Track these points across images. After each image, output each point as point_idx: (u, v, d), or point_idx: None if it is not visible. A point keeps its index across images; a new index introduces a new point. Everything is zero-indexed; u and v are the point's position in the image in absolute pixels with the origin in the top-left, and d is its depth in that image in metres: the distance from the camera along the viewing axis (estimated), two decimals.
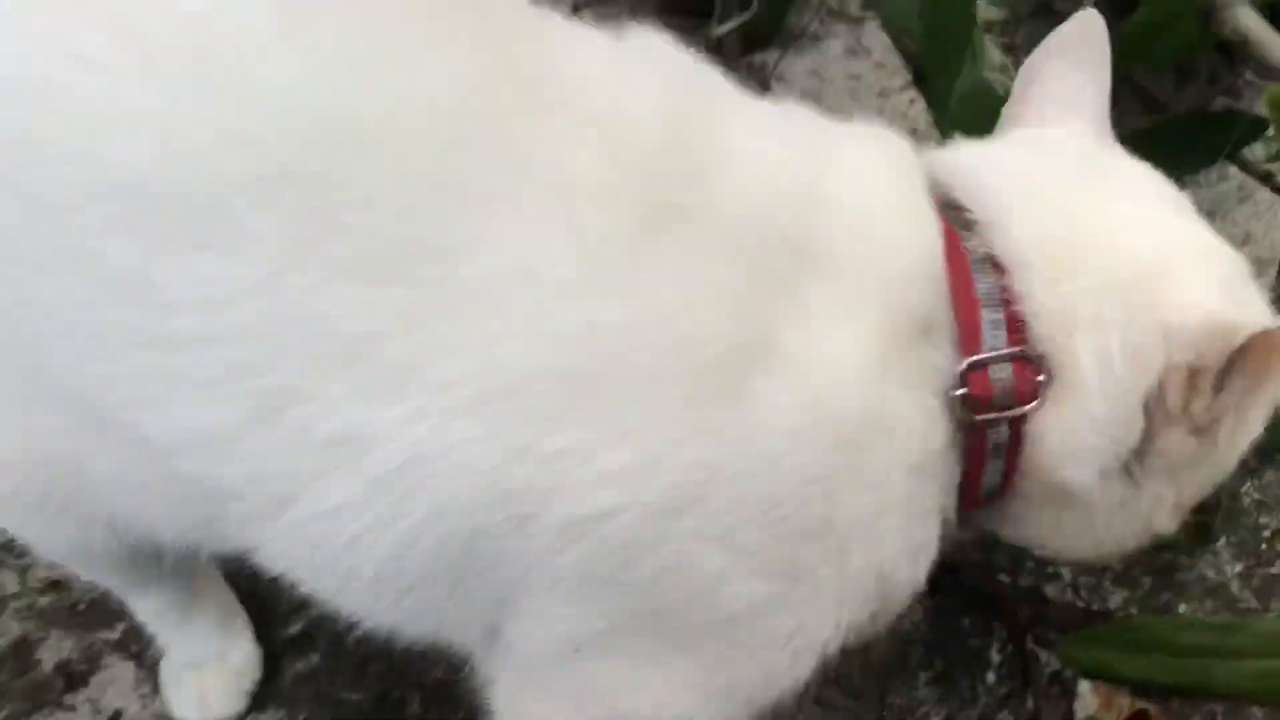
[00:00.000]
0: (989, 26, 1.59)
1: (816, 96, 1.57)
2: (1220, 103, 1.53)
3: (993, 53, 1.58)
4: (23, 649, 1.09)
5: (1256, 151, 1.38)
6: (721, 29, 1.28)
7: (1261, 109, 1.30)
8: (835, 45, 1.61)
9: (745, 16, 1.30)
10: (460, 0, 0.70)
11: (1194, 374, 0.71)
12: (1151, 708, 1.07)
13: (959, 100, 1.15)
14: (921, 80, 1.52)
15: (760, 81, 1.58)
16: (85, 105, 0.61)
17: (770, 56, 1.60)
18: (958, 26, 1.14)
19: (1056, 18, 1.46)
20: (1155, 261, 0.74)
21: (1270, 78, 0.97)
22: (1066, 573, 1.15)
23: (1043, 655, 1.12)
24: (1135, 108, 1.49)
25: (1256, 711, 1.09)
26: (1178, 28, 1.10)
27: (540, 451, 0.64)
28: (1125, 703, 1.07)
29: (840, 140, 0.80)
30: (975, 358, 0.72)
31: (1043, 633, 1.12)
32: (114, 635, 1.11)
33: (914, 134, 1.52)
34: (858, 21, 1.61)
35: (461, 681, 0.81)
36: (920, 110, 1.54)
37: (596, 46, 0.73)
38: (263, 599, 1.09)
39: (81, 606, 1.12)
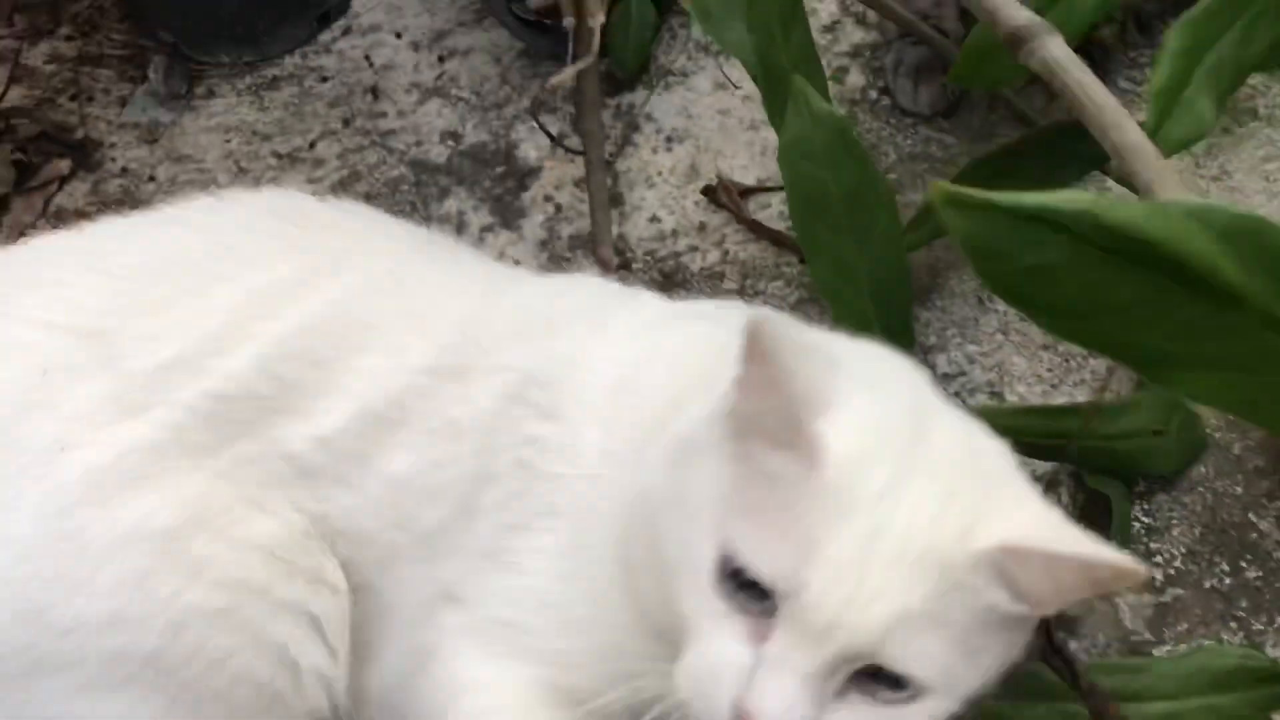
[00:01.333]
0: (858, 51, 1.56)
1: (686, 134, 1.53)
2: None
3: (856, 76, 1.55)
4: None
5: None
6: (561, 76, 1.23)
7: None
8: (703, 81, 1.57)
9: (584, 63, 1.25)
10: None
11: None
12: None
13: (786, 144, 1.11)
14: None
15: (629, 123, 1.54)
16: None
17: (638, 97, 1.56)
18: (791, 64, 1.10)
19: (922, 40, 1.44)
20: None
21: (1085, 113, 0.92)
22: None
23: None
24: (1007, 124, 1.46)
25: None
26: (996, 57, 1.06)
27: None
28: None
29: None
30: None
31: None
32: None
33: None
34: (724, 55, 1.57)
35: None
36: None
37: None
38: None
39: None
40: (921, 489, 0.71)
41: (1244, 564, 1.14)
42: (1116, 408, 1.17)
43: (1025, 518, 0.72)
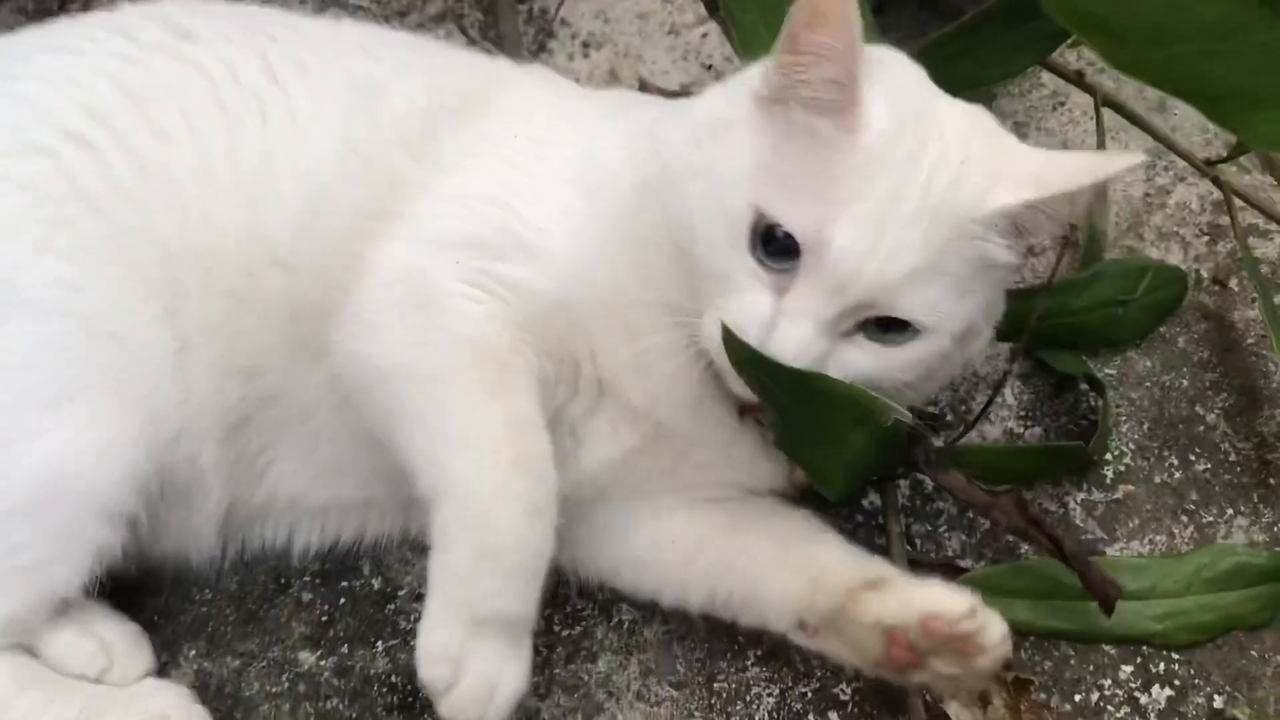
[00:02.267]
0: None
1: (604, 39, 1.45)
2: None
3: None
4: None
5: (1067, 57, 1.31)
6: None
7: None
8: None
9: None
10: None
11: None
12: (1033, 679, 1.00)
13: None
14: (714, 11, 1.41)
15: (542, 29, 1.46)
16: None
17: (552, 1, 1.48)
18: None
19: None
20: None
21: None
22: (897, 524, 1.06)
23: None
24: (936, 22, 1.40)
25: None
26: None
27: None
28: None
29: None
30: None
31: None
32: None
33: (708, 70, 1.43)
34: None
35: None
36: (714, 45, 1.43)
37: None
38: None
39: None
40: (939, 155, 0.82)
41: (1193, 457, 1.12)
42: (1079, 282, 1.13)
43: (1028, 168, 0.83)
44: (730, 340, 0.82)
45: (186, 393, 0.96)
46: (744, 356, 0.83)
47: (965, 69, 1.09)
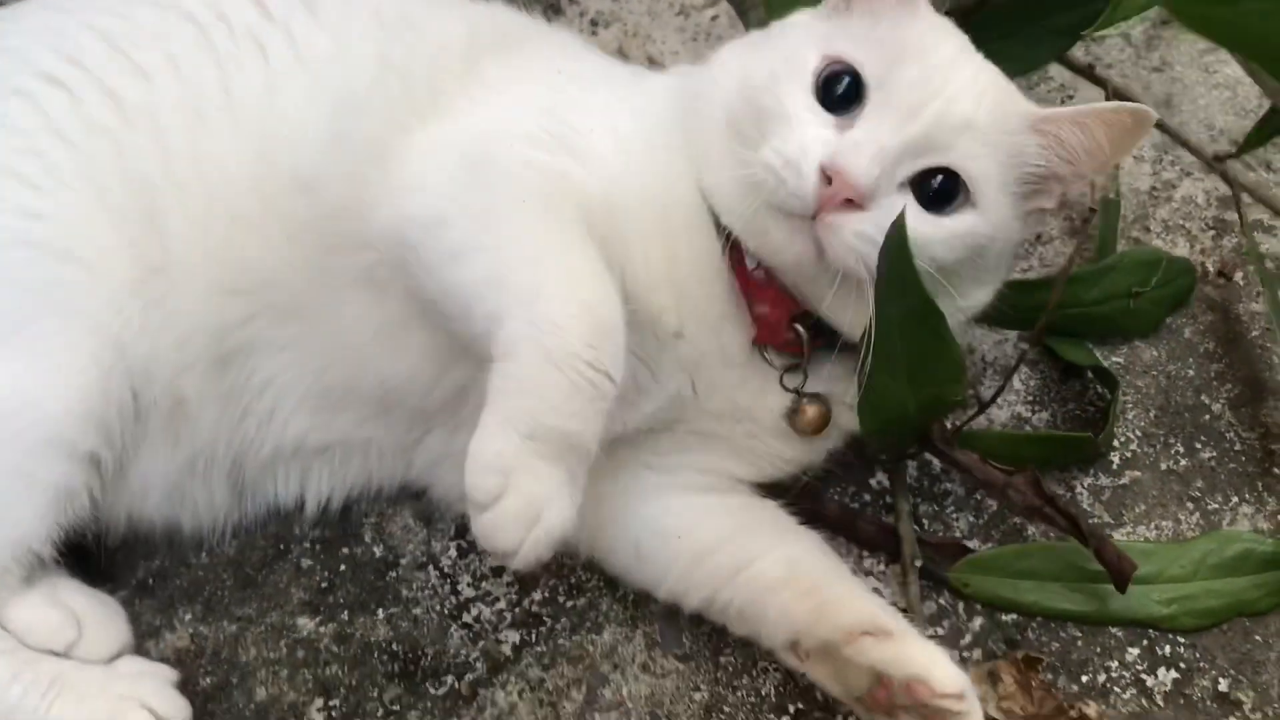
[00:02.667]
0: None
1: (613, 18, 1.45)
2: None
3: None
4: None
5: (1076, 51, 1.32)
6: None
7: None
8: None
9: None
10: None
11: None
12: (1042, 657, 0.99)
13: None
14: None
15: (550, 5, 1.45)
16: None
17: None
18: None
19: None
20: None
21: None
22: (905, 503, 1.06)
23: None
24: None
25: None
26: None
27: None
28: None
29: None
30: None
31: (928, 565, 1.04)
32: None
33: None
34: None
35: None
36: (723, 26, 1.43)
37: None
38: None
39: None
40: (981, 65, 0.91)
41: (1198, 445, 1.12)
42: (1092, 273, 1.14)
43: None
44: (895, 235, 0.82)
45: (166, 319, 0.95)
46: (897, 253, 0.82)
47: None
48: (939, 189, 0.86)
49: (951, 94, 0.85)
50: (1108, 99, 1.24)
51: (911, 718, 0.87)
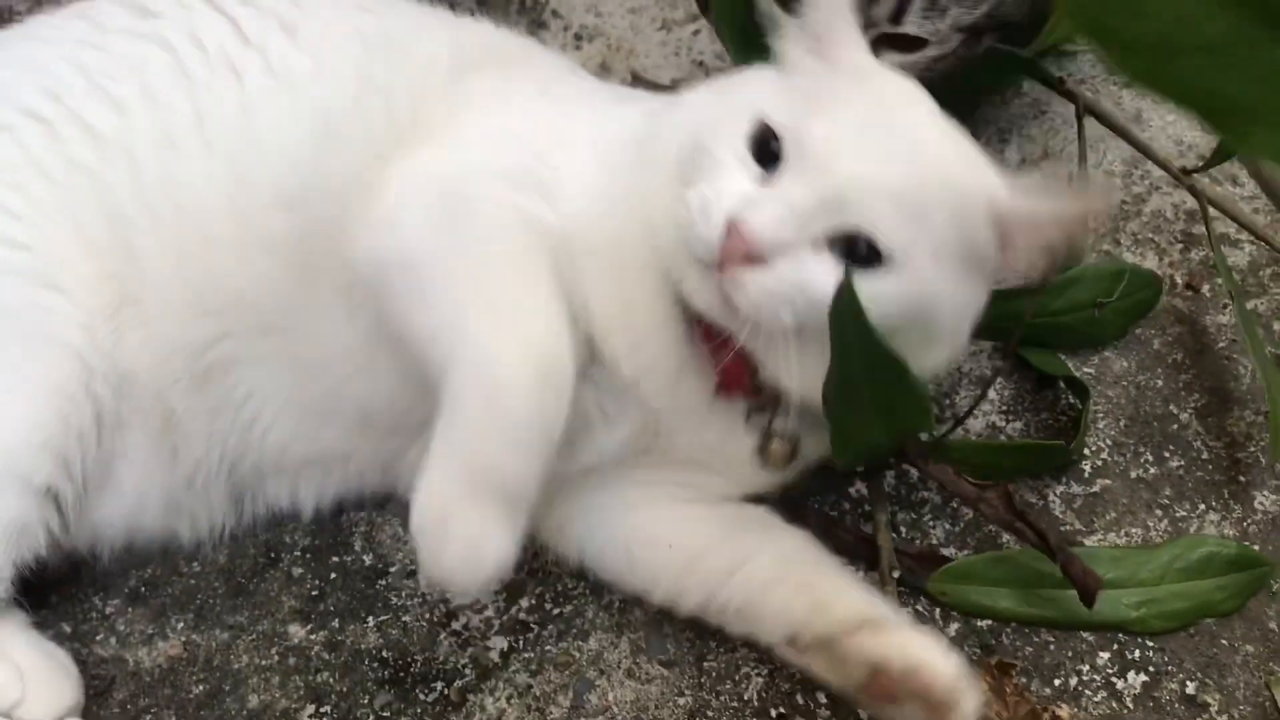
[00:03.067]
0: None
1: (596, 32, 1.47)
2: None
3: None
4: None
5: (1049, 66, 1.35)
6: None
7: None
8: None
9: None
10: None
11: None
12: (1015, 663, 1.02)
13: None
14: (706, 9, 1.44)
15: (534, 20, 1.47)
16: None
17: None
18: None
19: None
20: None
21: None
22: (883, 513, 1.09)
23: None
24: None
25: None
26: None
27: None
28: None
29: None
30: None
31: (905, 574, 1.06)
32: None
33: (699, 66, 1.45)
34: None
35: None
36: (704, 42, 1.45)
37: None
38: None
39: None
40: (931, 130, 0.89)
41: (1167, 454, 1.16)
42: (1058, 284, 1.17)
43: (1019, 183, 0.90)
44: (841, 297, 0.82)
45: (144, 342, 0.98)
46: (846, 315, 0.83)
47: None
48: (869, 249, 0.85)
49: (868, 154, 0.85)
50: (1079, 115, 1.27)
51: (912, 704, 0.89)
